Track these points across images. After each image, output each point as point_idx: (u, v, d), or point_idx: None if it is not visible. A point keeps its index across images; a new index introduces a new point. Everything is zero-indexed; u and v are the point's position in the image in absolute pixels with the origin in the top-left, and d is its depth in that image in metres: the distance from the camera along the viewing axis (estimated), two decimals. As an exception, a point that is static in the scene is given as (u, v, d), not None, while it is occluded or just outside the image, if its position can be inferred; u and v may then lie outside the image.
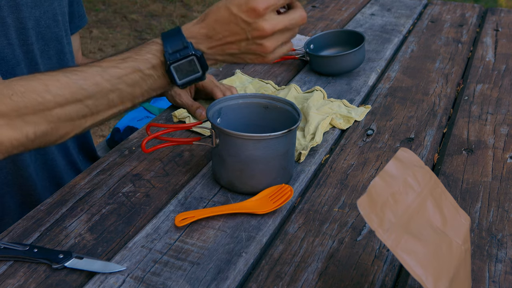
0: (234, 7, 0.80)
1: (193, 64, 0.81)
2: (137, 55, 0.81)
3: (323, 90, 1.25)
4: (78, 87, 0.77)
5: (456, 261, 0.67)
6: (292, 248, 0.82)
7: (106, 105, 0.80)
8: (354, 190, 0.96)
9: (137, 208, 0.90)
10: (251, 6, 0.79)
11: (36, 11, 1.00)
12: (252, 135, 0.88)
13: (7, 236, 0.82)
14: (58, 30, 1.06)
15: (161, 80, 0.82)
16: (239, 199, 0.92)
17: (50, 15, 1.03)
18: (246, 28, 0.80)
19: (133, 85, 0.80)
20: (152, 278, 0.76)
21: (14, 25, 0.96)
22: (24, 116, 0.75)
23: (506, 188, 0.98)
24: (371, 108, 1.23)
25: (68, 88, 0.76)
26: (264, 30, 0.80)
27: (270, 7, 0.79)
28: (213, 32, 0.82)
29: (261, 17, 0.79)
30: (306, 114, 1.14)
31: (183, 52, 0.80)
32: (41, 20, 1.01)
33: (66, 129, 0.79)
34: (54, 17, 1.04)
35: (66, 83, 0.77)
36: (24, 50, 0.99)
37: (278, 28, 0.81)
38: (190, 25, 0.83)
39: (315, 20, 1.79)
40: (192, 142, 0.96)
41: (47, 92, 0.75)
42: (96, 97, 0.79)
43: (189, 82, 0.83)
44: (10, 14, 0.95)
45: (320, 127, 1.10)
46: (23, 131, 0.75)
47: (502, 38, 1.69)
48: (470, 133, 1.15)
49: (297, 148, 1.05)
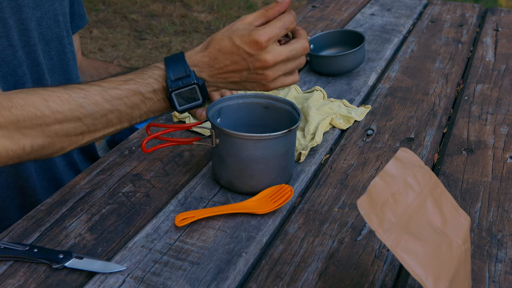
0: (237, 39, 0.81)
1: (194, 92, 0.83)
2: (139, 78, 0.82)
3: (323, 90, 1.26)
4: (78, 105, 0.78)
5: (456, 261, 0.67)
6: (292, 248, 0.82)
7: (105, 124, 0.82)
8: (354, 190, 0.96)
9: (137, 208, 0.90)
10: (254, 38, 0.80)
11: (38, 11, 1.00)
12: (252, 135, 0.88)
13: (7, 236, 0.82)
14: (59, 30, 1.06)
15: (161, 103, 0.84)
16: (239, 199, 0.92)
17: (51, 15, 1.03)
18: (248, 59, 0.82)
19: (132, 107, 0.82)
20: (152, 278, 0.76)
21: (16, 26, 0.96)
22: (22, 129, 0.76)
23: (506, 188, 0.98)
24: (371, 108, 1.23)
25: (68, 105, 0.77)
26: (266, 61, 0.81)
27: (272, 38, 0.81)
28: (215, 61, 0.83)
29: (263, 50, 0.81)
30: (306, 114, 1.14)
31: (186, 80, 0.82)
32: (43, 20, 1.01)
33: (62, 144, 0.80)
34: (55, 17, 1.04)
35: (67, 100, 0.78)
36: (27, 51, 0.99)
37: (281, 59, 0.82)
38: (193, 53, 0.85)
39: (315, 20, 1.79)
40: (192, 142, 0.96)
41: (46, 107, 0.76)
42: (95, 116, 0.80)
43: (189, 108, 0.85)
44: (12, 15, 0.95)
45: (320, 127, 1.10)
46: (20, 144, 0.76)
47: (502, 38, 1.69)
48: (470, 133, 1.15)
49: (297, 148, 1.05)
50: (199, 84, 0.83)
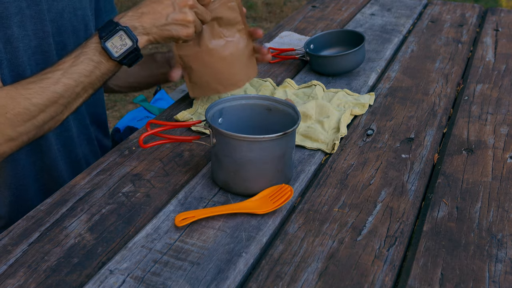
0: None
1: (124, 38, 0.95)
2: (85, 49, 0.95)
3: (321, 83, 1.28)
4: (52, 92, 0.92)
5: None
6: (292, 248, 0.82)
7: (75, 98, 0.95)
8: (354, 190, 0.96)
9: (137, 208, 0.90)
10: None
11: (58, 4, 1.06)
12: (246, 136, 0.87)
13: (7, 236, 0.82)
14: (77, 24, 1.12)
15: (110, 62, 0.96)
16: (239, 199, 0.92)
17: (70, 9, 1.09)
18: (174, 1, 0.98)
19: (90, 75, 0.95)
20: (152, 278, 0.76)
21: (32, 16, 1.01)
22: (18, 128, 0.90)
23: (506, 188, 0.98)
24: (370, 108, 1.23)
25: (44, 95, 0.91)
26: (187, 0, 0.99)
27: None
28: (146, 9, 0.98)
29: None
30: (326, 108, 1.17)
31: (113, 30, 0.95)
32: (64, 13, 1.08)
33: (49, 126, 0.95)
34: (75, 11, 1.10)
35: (42, 91, 0.91)
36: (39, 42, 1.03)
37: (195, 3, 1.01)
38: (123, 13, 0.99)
39: (315, 20, 1.79)
40: (192, 140, 0.96)
41: (31, 104, 0.90)
42: (66, 94, 0.93)
43: (126, 55, 0.96)
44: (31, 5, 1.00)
45: (342, 121, 1.13)
46: (19, 141, 0.91)
47: (502, 38, 1.69)
48: (470, 133, 1.15)
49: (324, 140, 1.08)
50: (125, 29, 0.94)
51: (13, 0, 0.97)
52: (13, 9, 0.97)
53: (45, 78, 0.92)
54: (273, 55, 1.46)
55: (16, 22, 0.98)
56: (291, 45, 1.52)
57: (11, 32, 0.97)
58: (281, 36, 1.61)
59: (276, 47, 1.49)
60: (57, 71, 0.93)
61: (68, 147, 1.17)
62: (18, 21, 0.98)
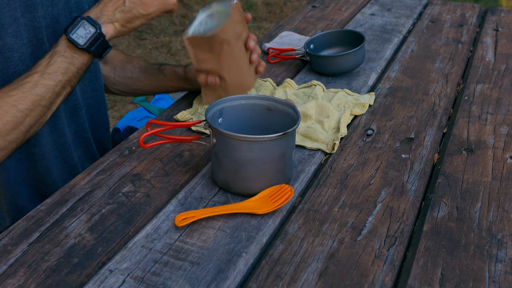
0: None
1: (87, 26, 0.97)
2: (56, 48, 0.97)
3: (321, 83, 1.28)
4: (34, 95, 0.93)
5: None
6: (292, 248, 0.82)
7: (55, 97, 0.97)
8: (354, 190, 0.96)
9: (137, 208, 0.90)
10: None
11: (54, 9, 1.05)
12: (246, 136, 0.87)
13: (7, 236, 0.82)
14: None
15: (81, 56, 0.98)
16: (239, 199, 0.92)
17: (66, 13, 1.08)
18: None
19: (66, 72, 0.97)
20: (152, 278, 0.76)
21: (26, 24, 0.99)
22: (7, 137, 0.90)
23: (506, 188, 0.98)
24: (370, 108, 1.23)
25: (28, 100, 0.93)
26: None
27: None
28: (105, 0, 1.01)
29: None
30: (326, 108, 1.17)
31: (76, 22, 0.97)
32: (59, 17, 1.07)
33: (34, 130, 0.96)
34: (70, 15, 1.09)
35: (25, 96, 0.92)
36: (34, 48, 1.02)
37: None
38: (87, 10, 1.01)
39: (315, 20, 1.79)
40: (192, 140, 0.96)
41: (18, 111, 0.91)
42: (48, 96, 0.95)
43: (91, 42, 0.98)
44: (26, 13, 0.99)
45: (342, 121, 1.13)
46: (9, 149, 0.92)
47: (502, 38, 1.69)
48: (470, 133, 1.15)
49: (324, 140, 1.07)
50: (86, 18, 0.97)
51: (6, 10, 0.95)
52: (7, 19, 0.95)
53: (25, 83, 0.93)
54: (273, 55, 1.46)
55: (11, 32, 0.96)
56: (291, 45, 1.52)
57: (3, 42, 0.96)
58: (281, 36, 1.61)
59: (276, 47, 1.49)
60: (35, 74, 0.94)
61: (63, 151, 1.15)
62: (13, 31, 0.97)
